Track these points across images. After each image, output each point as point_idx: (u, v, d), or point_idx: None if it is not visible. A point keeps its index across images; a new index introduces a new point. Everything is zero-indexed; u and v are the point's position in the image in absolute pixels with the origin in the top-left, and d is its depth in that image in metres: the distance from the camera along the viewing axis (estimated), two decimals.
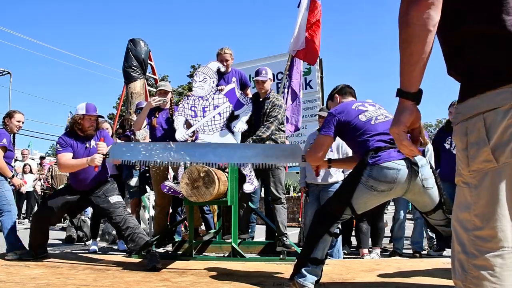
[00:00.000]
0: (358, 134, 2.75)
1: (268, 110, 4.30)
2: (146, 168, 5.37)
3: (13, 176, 4.37)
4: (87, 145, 4.03)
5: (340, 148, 4.27)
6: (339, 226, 2.93)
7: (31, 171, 10.41)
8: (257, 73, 4.35)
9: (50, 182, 10.00)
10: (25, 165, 10.57)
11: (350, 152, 4.14)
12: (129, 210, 4.58)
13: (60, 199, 4.04)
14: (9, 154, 4.37)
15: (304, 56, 5.73)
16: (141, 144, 3.73)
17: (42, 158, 13.04)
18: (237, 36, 66.97)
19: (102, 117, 4.30)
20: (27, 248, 4.17)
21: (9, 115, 4.45)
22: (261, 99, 4.36)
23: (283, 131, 4.43)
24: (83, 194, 4.05)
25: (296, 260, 2.80)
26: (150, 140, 4.96)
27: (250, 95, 4.65)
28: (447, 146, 4.55)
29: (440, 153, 4.68)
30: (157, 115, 4.56)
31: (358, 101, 3.06)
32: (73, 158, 3.93)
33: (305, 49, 5.66)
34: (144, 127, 4.63)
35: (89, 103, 4.05)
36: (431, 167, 2.67)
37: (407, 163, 2.58)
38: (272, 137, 4.28)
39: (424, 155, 2.75)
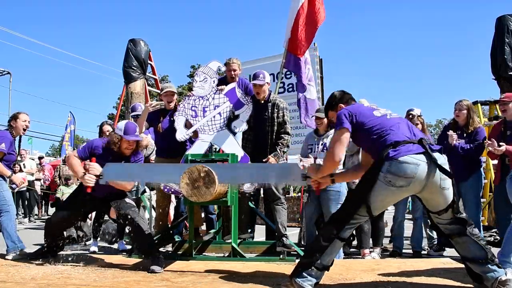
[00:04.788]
0: (374, 131, 2.70)
1: (275, 115, 4.33)
2: None
3: (11, 174, 4.36)
4: (114, 161, 3.85)
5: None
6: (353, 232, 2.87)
7: (21, 170, 10.23)
8: (255, 76, 4.34)
9: (58, 182, 9.97)
10: (14, 164, 10.45)
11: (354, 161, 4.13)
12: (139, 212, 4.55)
13: (75, 205, 3.98)
14: (10, 157, 4.36)
15: (291, 47, 5.67)
16: (136, 165, 3.73)
17: (40, 158, 13.01)
18: (238, 36, 67.04)
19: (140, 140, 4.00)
20: (27, 248, 4.18)
21: (14, 117, 4.43)
22: (262, 102, 4.36)
23: (289, 134, 4.44)
24: (100, 199, 3.95)
25: (298, 260, 2.78)
26: (155, 145, 4.97)
27: None
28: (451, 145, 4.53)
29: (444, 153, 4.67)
30: (162, 120, 4.55)
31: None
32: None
33: (291, 40, 5.63)
34: (145, 131, 4.64)
35: (130, 123, 3.90)
36: (449, 168, 2.62)
37: (427, 159, 2.55)
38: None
39: (441, 152, 2.70)
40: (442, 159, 2.61)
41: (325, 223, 2.76)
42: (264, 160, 4.19)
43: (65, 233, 4.35)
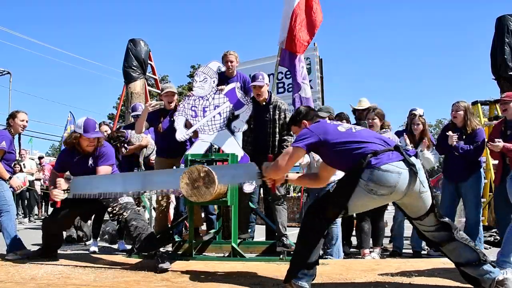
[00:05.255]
0: (342, 145, 2.70)
1: (277, 116, 4.33)
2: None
3: (10, 178, 4.35)
4: (80, 158, 3.92)
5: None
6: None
7: (21, 170, 10.22)
8: (253, 78, 4.34)
9: None
10: (15, 164, 10.46)
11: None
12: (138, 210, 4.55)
13: (72, 205, 3.97)
14: (10, 156, 4.36)
15: (289, 46, 5.67)
16: (101, 177, 3.80)
17: (40, 158, 13.01)
18: (238, 36, 67.02)
19: (102, 136, 4.10)
20: (27, 248, 4.18)
21: (12, 116, 4.43)
22: (263, 103, 4.35)
23: (291, 135, 4.43)
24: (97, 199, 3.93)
25: (290, 262, 2.79)
26: (155, 145, 4.98)
27: None
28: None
29: (444, 153, 4.67)
30: (162, 120, 4.55)
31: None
32: (71, 173, 3.98)
33: (288, 38, 5.64)
34: (145, 131, 4.64)
35: (89, 120, 3.85)
36: (425, 171, 2.68)
37: (407, 165, 2.57)
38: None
39: (416, 156, 2.72)
40: (418, 164, 2.64)
41: (309, 223, 2.75)
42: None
43: (64, 233, 4.35)
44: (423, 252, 4.85)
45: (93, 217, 5.40)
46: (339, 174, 4.31)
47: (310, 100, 5.73)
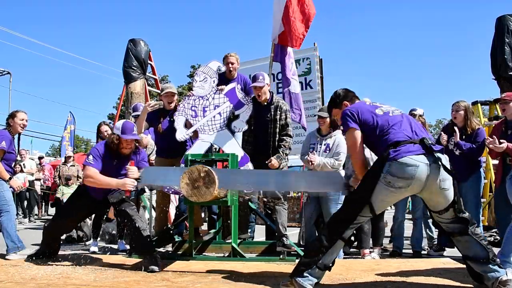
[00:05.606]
0: (377, 129, 2.71)
1: (277, 117, 4.32)
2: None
3: (10, 178, 4.36)
4: (119, 162, 3.82)
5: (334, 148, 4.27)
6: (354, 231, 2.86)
7: (21, 171, 10.23)
8: (254, 79, 4.33)
9: (58, 182, 9.96)
10: (15, 164, 10.46)
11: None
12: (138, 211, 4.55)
13: (75, 208, 3.97)
14: (10, 156, 4.36)
15: (284, 40, 5.69)
16: (173, 169, 3.76)
17: (40, 158, 13.01)
18: (237, 36, 67.00)
19: (139, 140, 4.04)
20: (27, 248, 4.17)
21: (12, 115, 4.44)
22: (265, 104, 4.35)
23: (291, 136, 4.44)
24: (100, 201, 3.95)
25: (299, 259, 2.78)
26: (155, 145, 4.98)
27: None
28: (450, 147, 4.53)
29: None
30: (162, 120, 4.54)
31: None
32: (101, 172, 3.72)
33: (284, 32, 5.65)
34: (145, 131, 4.64)
35: (127, 122, 3.87)
36: (450, 168, 2.62)
37: (428, 159, 2.54)
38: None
39: (442, 152, 2.70)
40: (444, 159, 2.61)
41: (327, 223, 2.75)
42: (266, 162, 4.18)
43: (64, 235, 4.35)
44: (423, 252, 4.85)
45: (93, 217, 5.40)
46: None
47: (299, 95, 5.76)
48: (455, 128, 4.51)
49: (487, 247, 2.66)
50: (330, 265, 2.74)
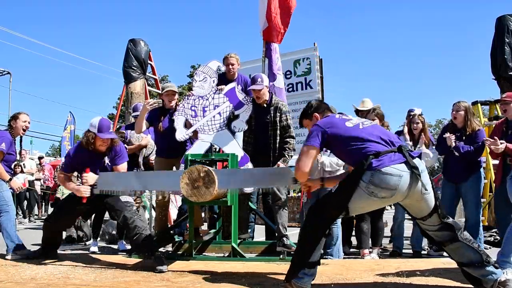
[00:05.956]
0: (349, 142, 2.72)
1: (278, 118, 4.29)
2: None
3: (10, 179, 4.36)
4: (95, 156, 3.87)
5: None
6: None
7: (21, 171, 10.23)
8: (253, 80, 4.29)
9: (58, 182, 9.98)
10: (15, 165, 10.47)
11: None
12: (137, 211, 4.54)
13: (73, 205, 3.97)
14: (10, 157, 4.36)
15: (268, 36, 5.75)
16: (131, 173, 3.78)
17: (40, 158, 13.01)
18: (237, 36, 66.96)
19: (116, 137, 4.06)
20: (27, 248, 4.17)
21: (15, 117, 4.43)
22: (264, 105, 4.34)
23: (294, 137, 4.43)
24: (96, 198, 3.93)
25: (291, 261, 2.79)
26: (155, 144, 4.97)
27: None
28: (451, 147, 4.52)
29: (444, 153, 4.66)
30: (162, 119, 4.54)
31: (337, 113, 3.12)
32: (78, 167, 3.93)
33: (268, 28, 5.72)
34: (145, 131, 4.64)
35: (104, 120, 3.85)
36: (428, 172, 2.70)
37: (408, 168, 2.56)
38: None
39: (420, 158, 2.72)
40: (422, 166, 2.63)
41: (311, 223, 2.75)
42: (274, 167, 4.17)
43: (64, 233, 4.35)
44: (423, 252, 4.85)
45: (93, 217, 5.40)
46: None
47: (282, 90, 5.79)
48: (447, 134, 4.50)
49: (478, 249, 2.67)
50: (319, 259, 2.76)
